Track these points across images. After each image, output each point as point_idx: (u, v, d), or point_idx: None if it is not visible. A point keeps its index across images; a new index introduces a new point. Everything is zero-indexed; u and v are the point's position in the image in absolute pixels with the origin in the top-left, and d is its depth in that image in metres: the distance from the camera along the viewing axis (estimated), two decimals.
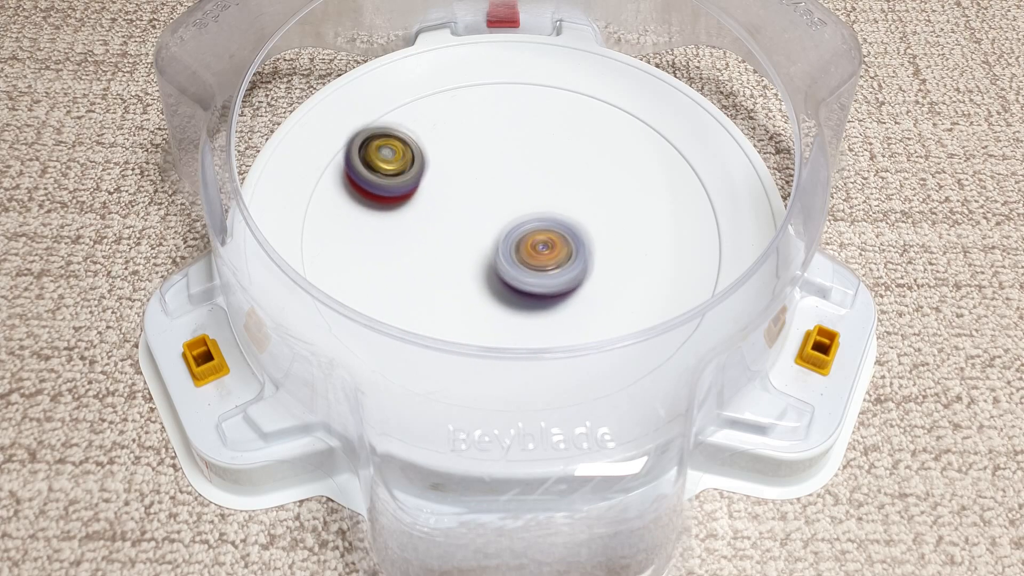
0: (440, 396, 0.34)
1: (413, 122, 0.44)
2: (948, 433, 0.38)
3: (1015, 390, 0.39)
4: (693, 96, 0.45)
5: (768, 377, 0.36)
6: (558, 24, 0.48)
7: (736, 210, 0.41)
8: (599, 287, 0.38)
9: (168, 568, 0.34)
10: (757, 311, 0.34)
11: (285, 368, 0.35)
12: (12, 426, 0.37)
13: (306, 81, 0.50)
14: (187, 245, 0.43)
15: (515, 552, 0.32)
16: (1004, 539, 0.35)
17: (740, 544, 0.35)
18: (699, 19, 0.48)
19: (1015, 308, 0.42)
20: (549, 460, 0.32)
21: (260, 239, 0.35)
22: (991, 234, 0.44)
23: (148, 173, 0.46)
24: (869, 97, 0.50)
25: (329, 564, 0.34)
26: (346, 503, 0.35)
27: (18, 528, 0.35)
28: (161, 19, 0.54)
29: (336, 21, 0.48)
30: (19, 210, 0.44)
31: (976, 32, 0.53)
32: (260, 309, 0.34)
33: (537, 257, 0.37)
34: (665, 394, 0.34)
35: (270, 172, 0.42)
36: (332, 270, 0.39)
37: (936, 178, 0.46)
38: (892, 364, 0.40)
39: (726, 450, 0.35)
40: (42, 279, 0.42)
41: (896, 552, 0.35)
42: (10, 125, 0.48)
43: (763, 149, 0.47)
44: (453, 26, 0.48)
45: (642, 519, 0.32)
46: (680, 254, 0.40)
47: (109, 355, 0.39)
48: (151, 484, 0.36)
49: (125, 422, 0.38)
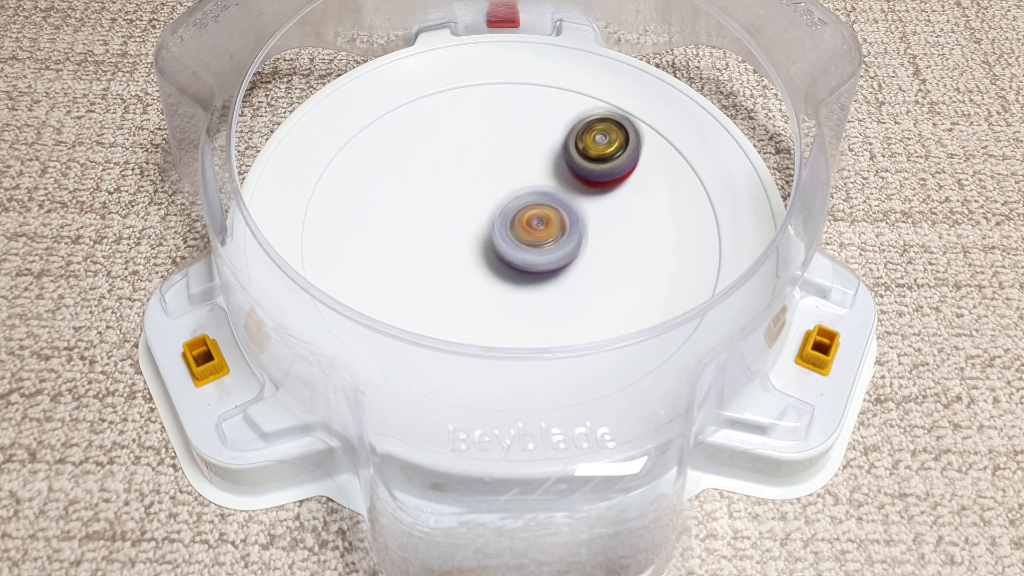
0: (440, 396, 0.34)
1: (413, 122, 0.44)
2: (948, 433, 0.38)
3: (1015, 390, 0.39)
4: (693, 96, 0.45)
5: (768, 377, 0.36)
6: (558, 24, 0.48)
7: (736, 210, 0.41)
8: (599, 287, 0.38)
9: (168, 568, 0.34)
10: (757, 311, 0.34)
11: (285, 368, 0.35)
12: (12, 426, 0.37)
13: (306, 81, 0.50)
14: (187, 245, 0.43)
15: (515, 552, 0.32)
16: (1004, 539, 0.35)
17: (740, 544, 0.35)
18: (699, 19, 0.48)
19: (1015, 308, 0.42)
20: (549, 460, 0.32)
21: (260, 239, 0.35)
22: (991, 234, 0.44)
23: (148, 173, 0.46)
24: (869, 97, 0.50)
25: (329, 564, 0.34)
26: (346, 503, 0.35)
27: (18, 528, 0.35)
28: (161, 19, 0.54)
29: (336, 21, 0.48)
30: (19, 210, 0.44)
31: (976, 32, 0.53)
32: (260, 309, 0.34)
33: (532, 233, 0.38)
34: (665, 394, 0.34)
35: (270, 172, 0.42)
36: (332, 270, 0.39)
37: (936, 178, 0.46)
38: (892, 364, 0.40)
39: (726, 450, 0.35)
40: (42, 279, 0.42)
41: (896, 552, 0.35)
42: (10, 125, 0.48)
43: (763, 149, 0.47)
44: (453, 26, 0.48)
45: (642, 519, 0.32)
46: (680, 254, 0.40)
47: (109, 355, 0.39)
48: (151, 484, 0.36)
49: (125, 422, 0.38)
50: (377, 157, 0.43)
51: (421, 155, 0.43)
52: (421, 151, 0.43)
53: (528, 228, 0.38)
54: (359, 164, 0.43)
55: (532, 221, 0.38)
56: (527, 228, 0.38)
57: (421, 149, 0.43)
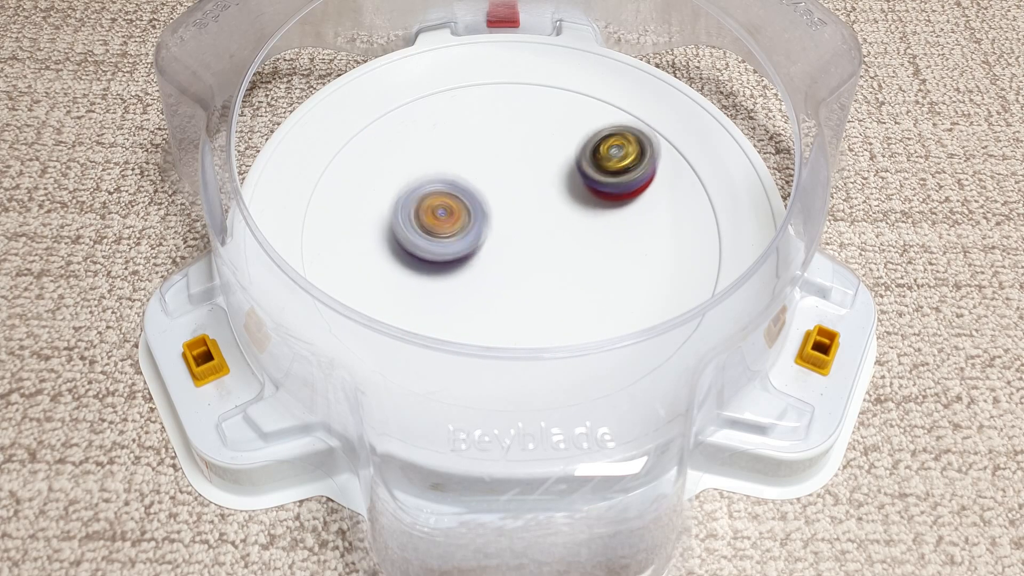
0: (440, 396, 0.34)
1: (413, 122, 0.44)
2: (948, 433, 0.38)
3: (1015, 390, 0.39)
4: (693, 96, 0.45)
5: (768, 377, 0.36)
6: (558, 24, 0.48)
7: (736, 210, 0.41)
8: (599, 287, 0.38)
9: (168, 568, 0.34)
10: (757, 311, 0.34)
11: (285, 368, 0.35)
12: (12, 426, 0.37)
13: (306, 81, 0.50)
14: (187, 245, 0.43)
15: (515, 552, 0.32)
16: (1004, 539, 0.35)
17: (740, 544, 0.35)
18: (699, 19, 0.48)
19: (1015, 308, 0.42)
20: (549, 460, 0.32)
21: (260, 239, 0.35)
22: (991, 234, 0.44)
23: (148, 173, 0.46)
24: (869, 97, 0.50)
25: (329, 564, 0.34)
26: (346, 503, 0.35)
27: (18, 528, 0.35)
28: (161, 19, 0.54)
29: (336, 21, 0.48)
30: (19, 210, 0.44)
31: (976, 32, 0.53)
32: (260, 309, 0.34)
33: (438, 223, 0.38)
34: (665, 394, 0.34)
35: (270, 172, 0.42)
36: (332, 270, 0.39)
37: (936, 178, 0.46)
38: (892, 364, 0.40)
39: (726, 450, 0.35)
40: (42, 279, 0.42)
41: (896, 552, 0.35)
42: (10, 125, 0.48)
43: (763, 149, 0.47)
44: (453, 26, 0.48)
45: (642, 519, 0.32)
46: (680, 254, 0.40)
47: (109, 355, 0.39)
48: (151, 484, 0.36)
49: (125, 422, 0.38)
50: (377, 157, 0.43)
51: (421, 155, 0.43)
52: (421, 151, 0.43)
53: (433, 217, 0.38)
54: (359, 164, 0.43)
55: (436, 211, 0.38)
56: (433, 217, 0.38)
57: (421, 149, 0.43)
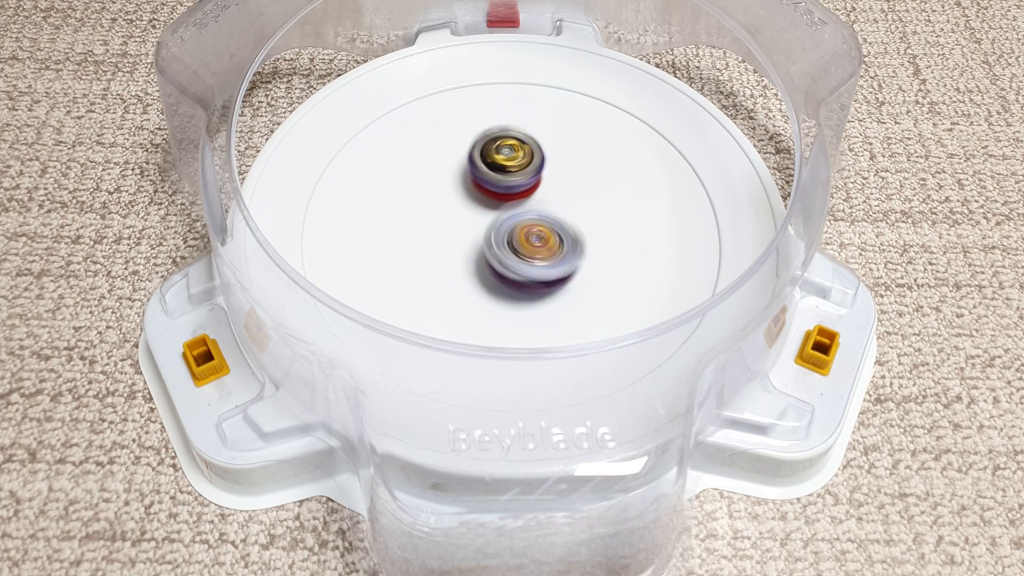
0: (440, 396, 0.34)
1: (413, 122, 0.44)
2: (948, 433, 0.38)
3: (1015, 390, 0.39)
4: (693, 96, 0.45)
5: (768, 377, 0.36)
6: (558, 24, 0.48)
7: (736, 210, 0.41)
8: (600, 287, 0.38)
9: (168, 568, 0.34)
10: (757, 311, 0.34)
11: (285, 368, 0.35)
12: (12, 426, 0.37)
13: (306, 81, 0.50)
14: (187, 245, 0.43)
15: (515, 552, 0.32)
16: (1004, 539, 0.35)
17: (740, 544, 0.35)
18: (699, 19, 0.48)
19: (1015, 308, 0.42)
20: (549, 460, 0.32)
21: (260, 239, 0.35)
22: (991, 234, 0.44)
23: (148, 173, 0.46)
24: (869, 97, 0.50)
25: (329, 564, 0.34)
26: (346, 503, 0.35)
27: (18, 528, 0.35)
28: (161, 19, 0.54)
29: (336, 21, 0.48)
30: (19, 210, 0.44)
31: (976, 32, 0.53)
32: (260, 309, 0.34)
33: (531, 248, 0.37)
34: (665, 394, 0.34)
35: (270, 172, 0.42)
36: (332, 270, 0.39)
37: (936, 178, 0.46)
38: (892, 364, 0.40)
39: (726, 450, 0.35)
40: (42, 279, 0.42)
41: (896, 552, 0.35)
42: (10, 125, 0.48)
43: (763, 149, 0.47)
44: (453, 26, 0.48)
45: (642, 519, 0.32)
46: (680, 254, 0.40)
47: (109, 355, 0.39)
48: (151, 484, 0.36)
49: (125, 422, 0.38)
50: (377, 157, 0.43)
51: (421, 155, 0.43)
52: (421, 151, 0.43)
53: (527, 243, 0.38)
54: (359, 164, 0.43)
55: (531, 237, 0.38)
56: (525, 243, 0.38)
57: (421, 149, 0.43)
